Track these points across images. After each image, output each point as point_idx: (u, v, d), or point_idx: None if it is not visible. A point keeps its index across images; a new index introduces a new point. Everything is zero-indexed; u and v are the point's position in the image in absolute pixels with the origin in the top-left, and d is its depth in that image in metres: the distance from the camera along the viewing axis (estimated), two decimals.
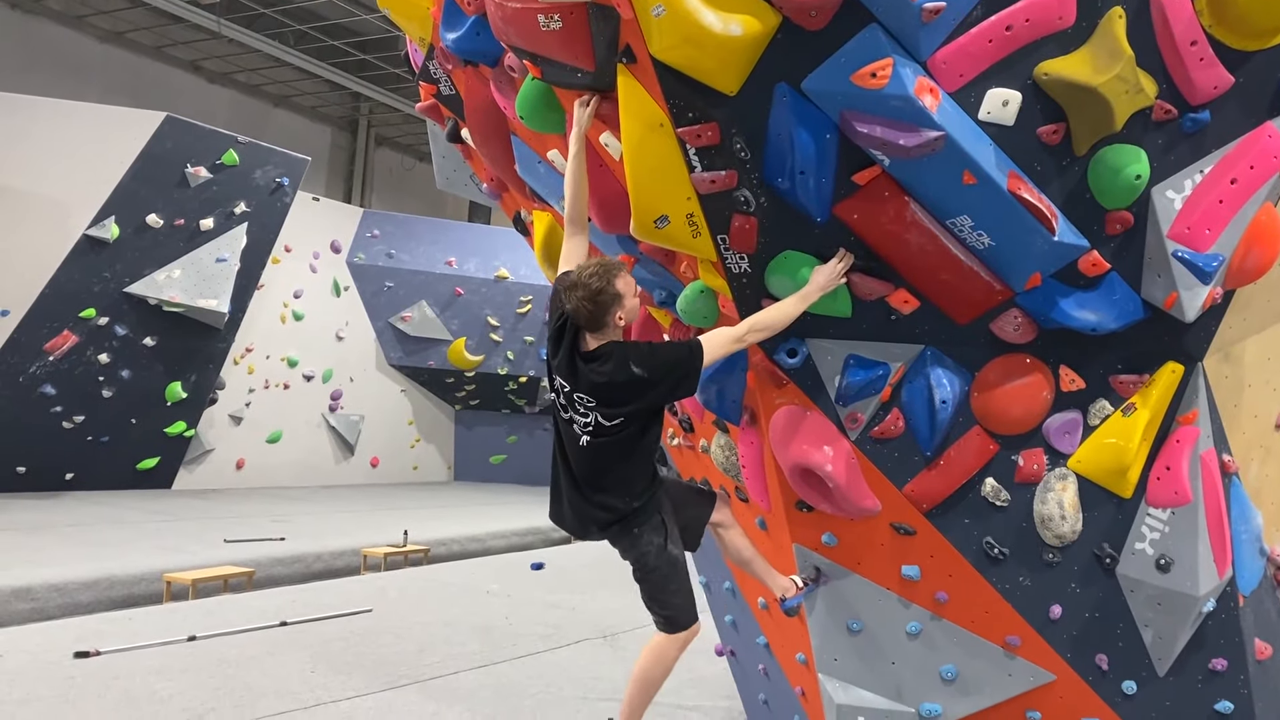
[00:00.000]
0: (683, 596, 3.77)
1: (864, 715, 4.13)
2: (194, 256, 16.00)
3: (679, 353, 3.56)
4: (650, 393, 3.61)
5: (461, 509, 16.53)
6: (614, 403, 3.59)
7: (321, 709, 5.44)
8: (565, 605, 8.78)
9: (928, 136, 3.10)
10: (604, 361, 3.60)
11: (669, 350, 3.57)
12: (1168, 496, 3.61)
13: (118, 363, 15.62)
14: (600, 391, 3.59)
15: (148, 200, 15.33)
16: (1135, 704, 3.83)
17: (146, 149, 15.16)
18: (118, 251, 15.16)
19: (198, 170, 15.72)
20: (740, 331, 3.55)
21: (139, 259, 15.44)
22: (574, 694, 5.95)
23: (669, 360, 3.55)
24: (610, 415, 3.60)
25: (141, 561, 9.85)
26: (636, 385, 3.55)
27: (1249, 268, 3.40)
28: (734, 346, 3.59)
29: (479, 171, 5.30)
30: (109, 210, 14.97)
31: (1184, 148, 3.33)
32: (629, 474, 3.70)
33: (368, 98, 24.86)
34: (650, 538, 3.72)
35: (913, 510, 3.87)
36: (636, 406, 3.62)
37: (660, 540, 3.72)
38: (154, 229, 15.46)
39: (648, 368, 3.53)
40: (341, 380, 20.30)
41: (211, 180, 15.94)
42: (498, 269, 20.68)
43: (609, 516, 3.75)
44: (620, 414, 3.60)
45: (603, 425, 3.62)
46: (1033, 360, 3.68)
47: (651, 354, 3.57)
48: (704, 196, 3.46)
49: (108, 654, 6.37)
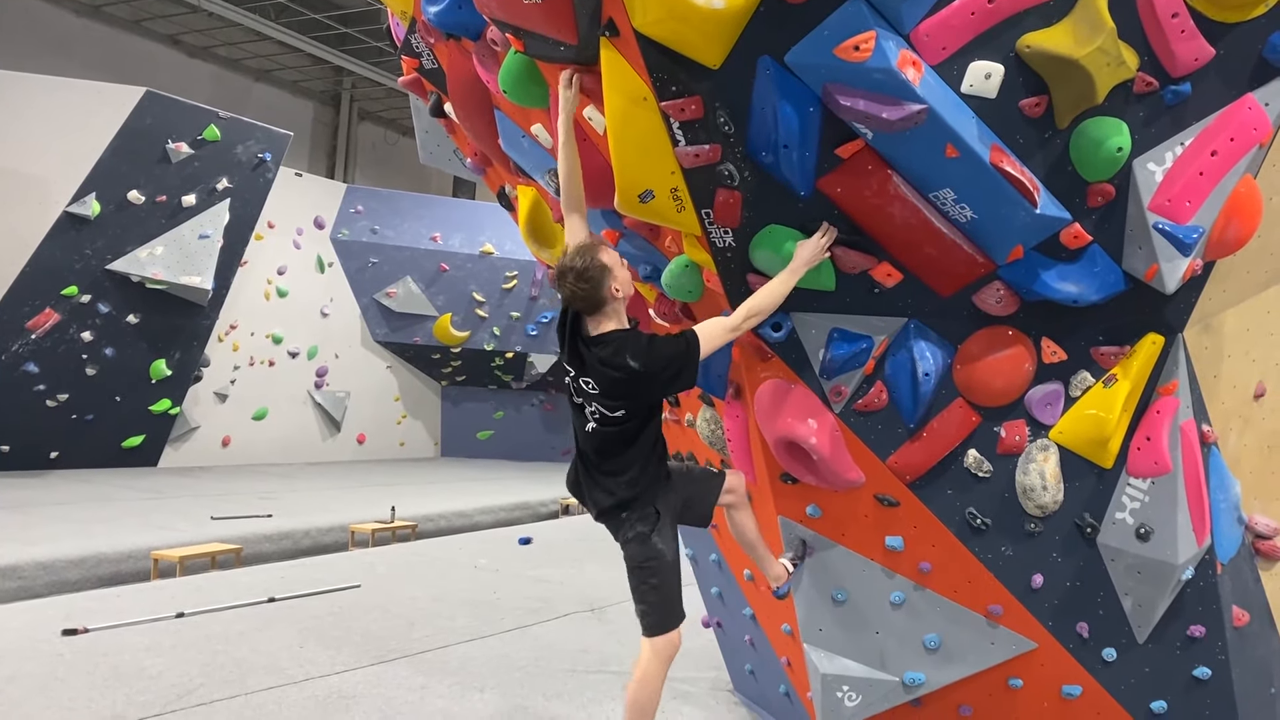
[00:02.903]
0: (660, 594, 3.69)
1: (848, 684, 4.18)
2: (176, 233, 15.89)
3: (675, 346, 3.55)
4: (648, 386, 3.60)
5: (449, 485, 16.55)
6: (614, 395, 3.59)
7: (311, 684, 5.46)
8: (553, 579, 8.82)
9: (910, 110, 3.11)
10: (604, 347, 3.60)
11: (666, 344, 3.56)
12: (1148, 466, 3.66)
13: (101, 340, 15.54)
14: (602, 380, 3.59)
15: (129, 176, 15.20)
16: (1115, 671, 3.89)
17: (127, 124, 15.02)
18: (99, 228, 15.04)
19: (179, 146, 15.58)
20: (736, 320, 3.55)
21: (121, 236, 15.32)
22: (562, 666, 5.99)
23: (665, 354, 3.53)
24: (612, 407, 3.61)
25: (129, 539, 9.84)
26: (634, 378, 3.54)
27: (1229, 239, 3.43)
28: (730, 336, 3.58)
29: (462, 146, 5.28)
30: (89, 187, 14.83)
31: (1165, 120, 3.35)
32: (629, 462, 3.70)
33: (350, 72, 24.66)
34: (636, 526, 3.70)
35: (896, 482, 3.90)
36: (636, 399, 3.62)
37: (645, 529, 3.68)
38: (135, 205, 15.34)
39: (643, 361, 3.52)
40: (327, 357, 20.26)
41: (193, 156, 15.81)
42: (483, 244, 20.61)
43: (608, 500, 3.76)
44: (621, 406, 3.61)
45: (606, 415, 3.64)
46: (1015, 332, 3.71)
47: (649, 348, 3.55)
48: (688, 171, 3.46)
49: (96, 631, 6.38)
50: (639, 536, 3.68)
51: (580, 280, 3.55)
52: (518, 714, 5.09)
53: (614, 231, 4.14)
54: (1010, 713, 4.09)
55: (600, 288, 3.56)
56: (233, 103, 20.57)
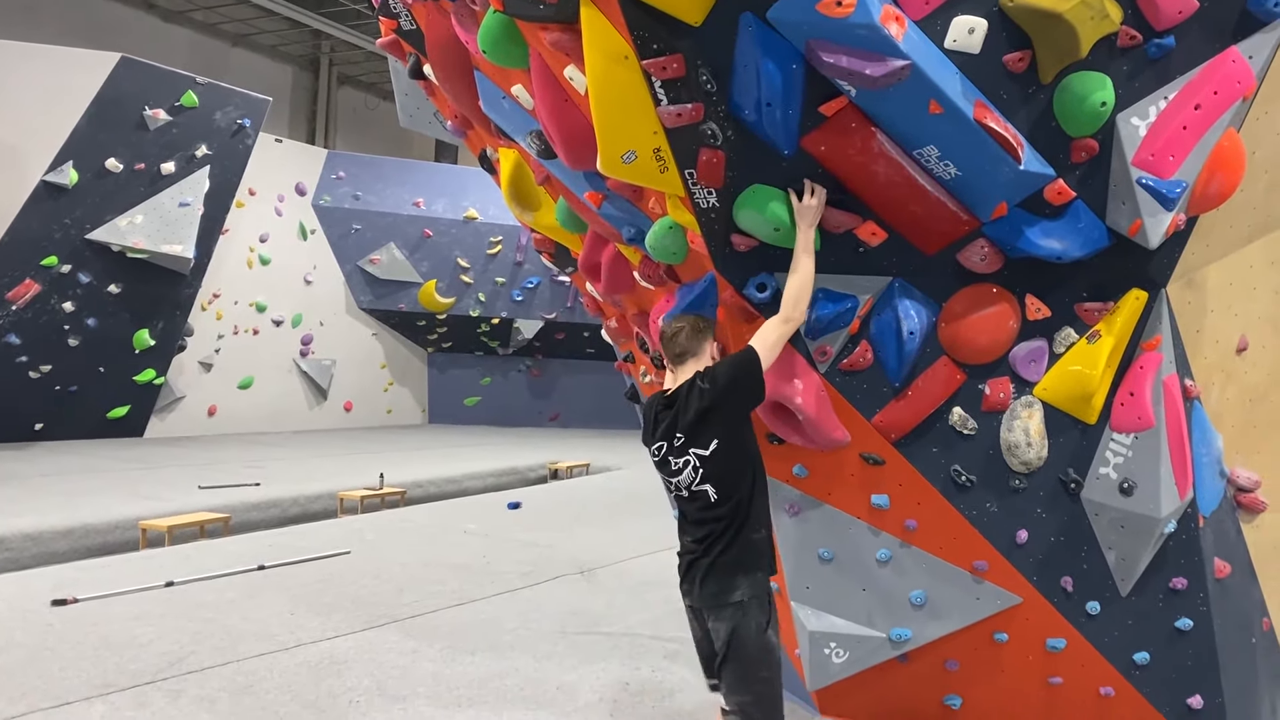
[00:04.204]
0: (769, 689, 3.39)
1: (835, 641, 4.22)
2: (156, 201, 15.74)
3: (734, 361, 3.47)
4: (723, 408, 3.41)
5: (437, 451, 16.57)
6: (700, 427, 3.40)
7: (302, 650, 5.49)
8: (543, 543, 8.86)
9: (894, 65, 3.08)
10: (677, 395, 3.50)
11: (726, 364, 3.49)
12: (1131, 422, 3.68)
13: (83, 311, 15.43)
14: (685, 419, 3.43)
15: (106, 144, 15.02)
16: (1099, 624, 3.94)
17: (102, 92, 14.82)
18: (77, 197, 14.88)
19: (156, 113, 15.39)
20: (783, 314, 3.52)
21: (99, 205, 15.17)
22: (552, 628, 6.03)
23: (727, 373, 3.43)
24: (705, 441, 3.40)
25: (116, 509, 9.83)
26: (707, 402, 3.38)
27: (1212, 193, 3.42)
28: (785, 328, 3.53)
29: (442, 108, 5.22)
30: (66, 155, 14.67)
31: (1149, 74, 3.33)
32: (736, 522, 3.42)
33: (328, 35, 24.31)
34: (753, 612, 3.39)
35: (882, 440, 3.92)
36: (720, 426, 3.41)
37: (764, 620, 3.41)
38: (114, 174, 15.18)
39: (710, 381, 3.42)
40: (311, 325, 20.18)
41: (171, 123, 15.63)
42: (466, 209, 20.49)
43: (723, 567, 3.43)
44: (709, 436, 3.40)
45: (701, 459, 3.40)
46: (999, 290, 3.71)
47: (712, 371, 3.47)
48: (670, 130, 3.42)
49: (85, 601, 6.38)
50: (758, 626, 3.38)
51: (693, 327, 3.56)
52: (508, 676, 5.13)
53: (597, 194, 4.10)
54: (996, 667, 4.14)
55: (707, 338, 3.58)
56: (210, 68, 20.28)
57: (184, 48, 22.34)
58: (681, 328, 3.59)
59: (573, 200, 4.36)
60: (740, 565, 3.42)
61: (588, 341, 21.35)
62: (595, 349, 21.45)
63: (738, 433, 3.47)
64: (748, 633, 3.38)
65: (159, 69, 15.68)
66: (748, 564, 3.43)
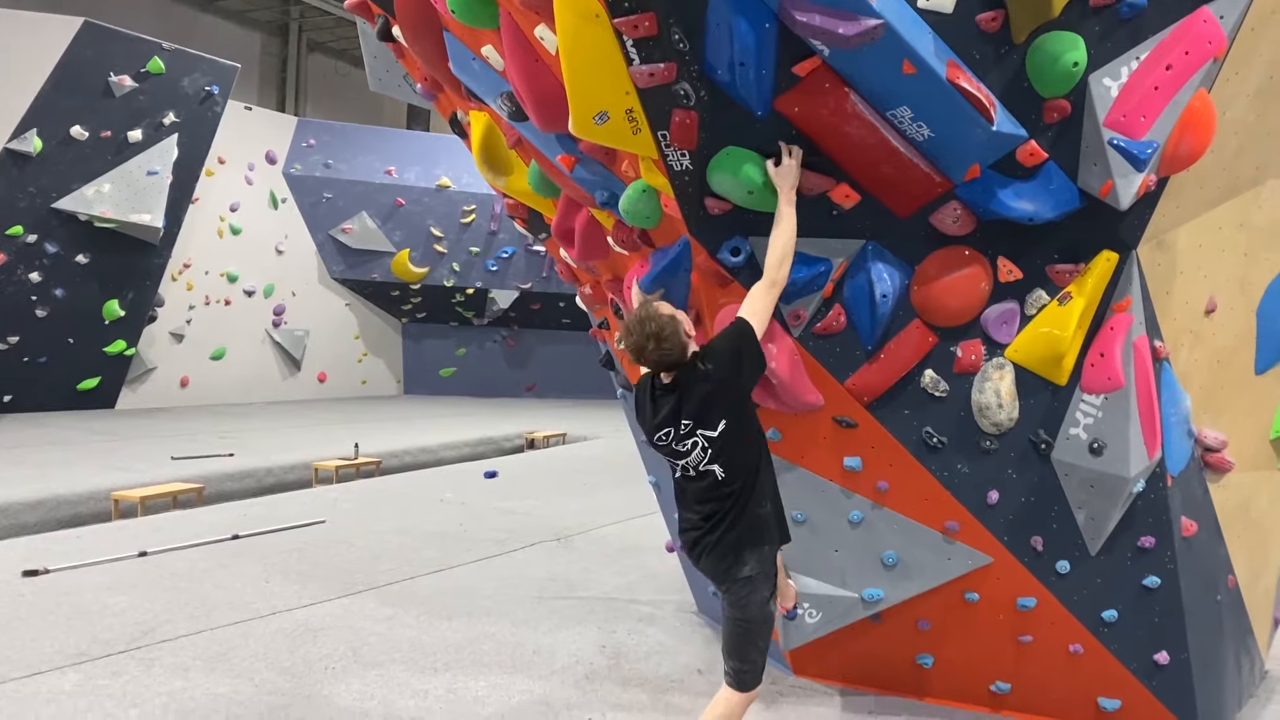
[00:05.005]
0: (763, 657, 3.49)
1: (809, 601, 4.26)
2: (123, 170, 15.49)
3: (728, 336, 3.45)
4: (728, 387, 3.40)
5: (412, 421, 16.52)
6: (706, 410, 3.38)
7: (277, 617, 5.47)
8: (519, 511, 8.87)
9: (867, 25, 3.06)
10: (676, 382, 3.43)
11: (719, 340, 3.45)
12: (1101, 383, 3.70)
13: (50, 281, 15.20)
14: (689, 403, 3.40)
15: (71, 111, 14.74)
16: (1068, 582, 3.99)
17: (65, 57, 14.52)
18: (42, 165, 14.62)
19: (122, 79, 15.11)
20: (768, 279, 3.48)
21: (65, 173, 14.91)
22: (530, 593, 6.05)
23: (723, 348, 3.41)
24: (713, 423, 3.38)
25: (88, 481, 9.75)
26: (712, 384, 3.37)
27: (1182, 154, 3.43)
28: (773, 292, 3.49)
29: (412, 71, 5.15)
30: (30, 122, 14.38)
31: (1121, 34, 3.33)
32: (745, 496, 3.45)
33: (298, 1, 23.92)
34: (760, 585, 3.44)
35: (854, 403, 3.93)
36: (726, 406, 3.39)
37: (767, 593, 3.47)
38: (79, 141, 14.91)
39: (711, 360, 3.39)
40: (284, 295, 19.98)
41: (137, 90, 15.35)
42: (439, 178, 20.30)
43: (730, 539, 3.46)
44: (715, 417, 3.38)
45: (708, 440, 3.39)
46: (971, 252, 3.72)
47: (707, 350, 3.44)
48: (643, 91, 3.40)
49: (57, 571, 6.33)
50: (761, 601, 3.44)
51: (662, 343, 3.35)
52: (485, 641, 5.14)
53: (570, 157, 4.07)
54: (967, 626, 4.19)
55: (679, 338, 3.38)
56: (176, 34, 19.89)
57: (149, 13, 21.90)
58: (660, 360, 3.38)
59: (545, 164, 4.32)
60: (747, 541, 3.43)
61: (563, 312, 21.28)
62: (571, 319, 21.38)
63: (743, 409, 3.45)
64: (754, 606, 3.42)
65: (124, 34, 15.37)
66: (754, 539, 3.44)
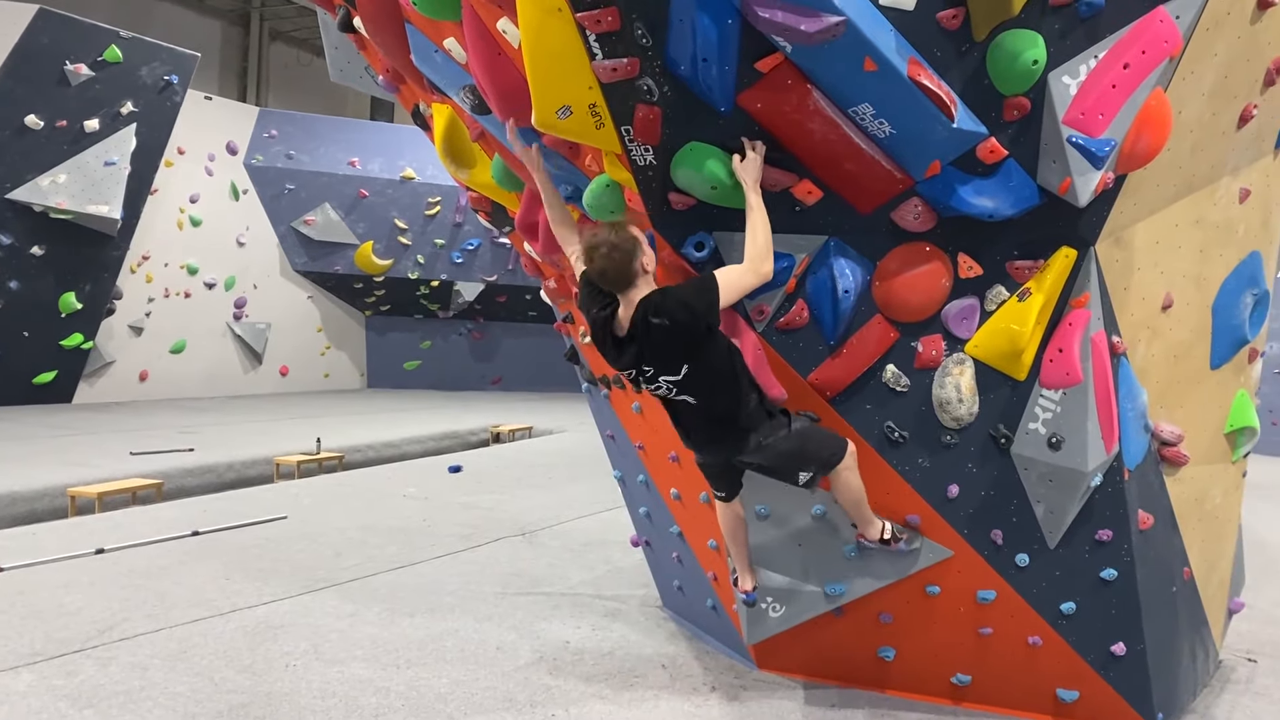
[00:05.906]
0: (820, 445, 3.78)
1: (772, 595, 4.28)
2: (80, 160, 15.24)
3: (690, 290, 3.50)
4: (682, 340, 3.51)
5: (376, 415, 16.40)
6: (666, 358, 3.54)
7: (238, 614, 5.42)
8: (483, 506, 8.84)
9: (829, 21, 3.07)
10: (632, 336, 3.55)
11: (679, 297, 3.49)
12: (1059, 378, 3.74)
13: (5, 273, 14.94)
14: (651, 357, 3.55)
15: (25, 100, 14.48)
16: (1027, 575, 4.03)
17: (20, 45, 14.26)
18: None
19: (78, 68, 14.86)
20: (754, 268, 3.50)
21: (20, 163, 14.64)
22: (494, 589, 6.03)
23: (682, 307, 3.46)
24: (674, 369, 3.55)
25: (43, 476, 9.59)
26: (664, 337, 3.48)
27: (1139, 152, 3.47)
28: (752, 280, 3.52)
29: (374, 62, 5.10)
30: None
31: (1080, 32, 3.36)
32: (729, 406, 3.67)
33: None
34: (775, 437, 3.72)
35: (817, 398, 3.95)
36: (684, 354, 3.53)
37: (784, 431, 3.73)
38: (34, 131, 14.64)
39: (663, 315, 3.45)
40: (245, 287, 19.76)
41: (94, 78, 15.11)
42: (403, 169, 20.14)
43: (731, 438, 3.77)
44: (680, 364, 3.54)
45: (676, 381, 3.60)
46: (932, 248, 3.75)
47: (663, 298, 3.49)
48: (606, 86, 3.38)
49: (11, 570, 6.22)
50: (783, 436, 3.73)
51: (614, 250, 3.45)
52: (448, 638, 5.12)
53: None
54: (928, 619, 4.23)
55: (632, 259, 3.47)
56: (134, 22, 19.57)
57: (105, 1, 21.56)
58: (604, 267, 3.52)
59: (508, 157, 4.30)
60: (744, 431, 3.71)
61: (529, 304, 21.21)
62: (537, 312, 21.32)
63: (705, 348, 3.59)
64: (781, 451, 3.73)
65: (80, 22, 15.11)
66: (750, 427, 3.71)
